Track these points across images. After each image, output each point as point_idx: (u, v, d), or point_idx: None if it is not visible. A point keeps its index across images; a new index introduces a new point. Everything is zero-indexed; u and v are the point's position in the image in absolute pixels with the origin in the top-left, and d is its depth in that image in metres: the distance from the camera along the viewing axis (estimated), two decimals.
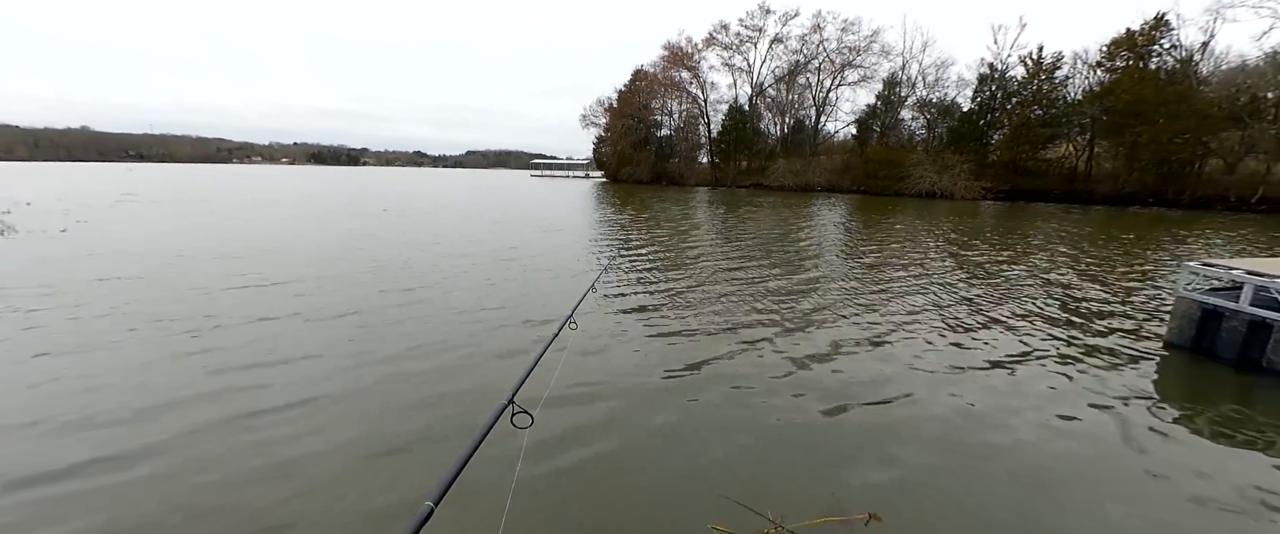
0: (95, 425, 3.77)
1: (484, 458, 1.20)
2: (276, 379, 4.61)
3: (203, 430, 3.73)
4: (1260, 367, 5.09)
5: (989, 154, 43.21)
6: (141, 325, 5.97)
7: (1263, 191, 30.69)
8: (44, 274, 8.33)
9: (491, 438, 1.18)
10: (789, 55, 56.97)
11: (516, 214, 21.25)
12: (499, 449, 1.75)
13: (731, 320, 6.72)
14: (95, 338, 5.53)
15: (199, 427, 3.78)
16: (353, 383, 4.56)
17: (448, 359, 5.16)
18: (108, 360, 4.98)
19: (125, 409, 4.01)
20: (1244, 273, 5.27)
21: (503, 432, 1.29)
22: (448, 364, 5.04)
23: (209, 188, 34.34)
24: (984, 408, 4.38)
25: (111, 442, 3.57)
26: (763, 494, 3.13)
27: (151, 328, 5.90)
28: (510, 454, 1.87)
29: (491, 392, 4.45)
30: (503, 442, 1.59)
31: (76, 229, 13.65)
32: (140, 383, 4.49)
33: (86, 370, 4.71)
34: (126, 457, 3.39)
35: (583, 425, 3.89)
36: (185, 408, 4.06)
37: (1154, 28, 36.07)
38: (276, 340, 5.59)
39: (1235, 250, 14.76)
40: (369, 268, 9.58)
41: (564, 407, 4.11)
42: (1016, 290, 8.84)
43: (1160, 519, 3.03)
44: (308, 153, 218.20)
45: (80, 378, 4.55)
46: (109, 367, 4.83)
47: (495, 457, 1.87)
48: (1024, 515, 3.04)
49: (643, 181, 60.89)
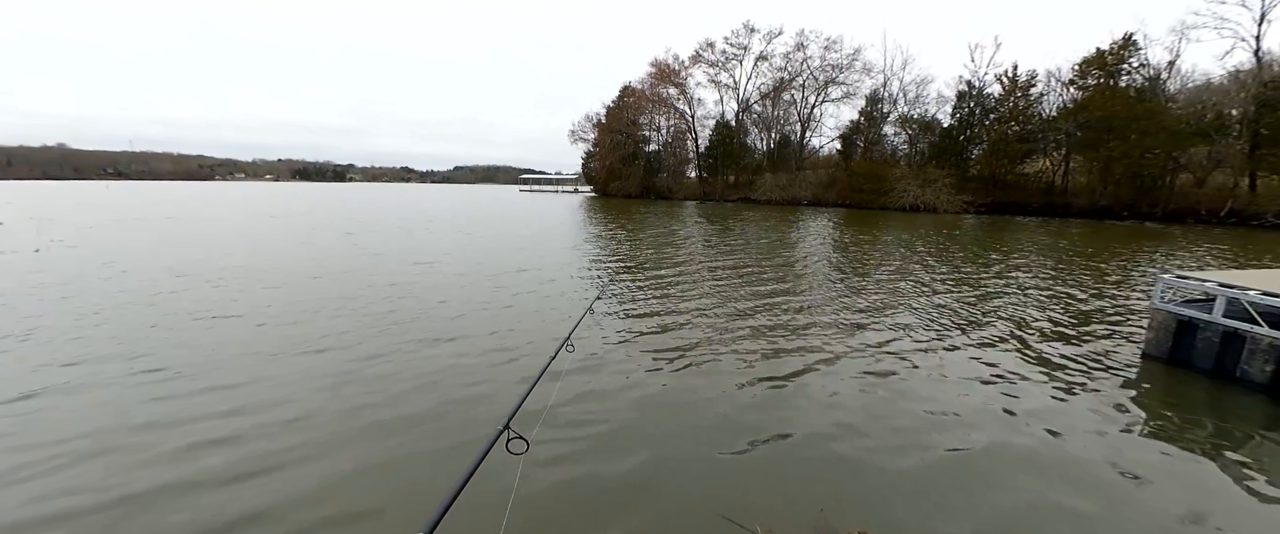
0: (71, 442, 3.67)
1: (479, 485, 1.20)
2: (268, 403, 4.52)
3: (203, 448, 3.64)
4: (1234, 376, 5.23)
5: (969, 168, 44.20)
6: (120, 348, 5.83)
7: (1231, 205, 31.71)
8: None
9: (487, 463, 1.18)
10: (774, 72, 58.12)
11: (509, 230, 21.19)
12: (495, 475, 1.73)
13: (723, 337, 6.75)
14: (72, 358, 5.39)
15: (199, 448, 3.69)
16: (346, 408, 4.47)
17: (444, 383, 5.04)
18: (93, 384, 4.85)
19: (129, 428, 3.90)
20: (1217, 285, 5.43)
21: (499, 456, 1.29)
22: (443, 389, 4.91)
23: (196, 206, 33.74)
24: (965, 420, 4.44)
25: (82, 477, 3.46)
26: (752, 509, 3.14)
27: (132, 350, 5.76)
28: (506, 480, 1.85)
29: (486, 417, 4.34)
30: (499, 468, 1.58)
31: (51, 249, 13.34)
32: (145, 404, 4.37)
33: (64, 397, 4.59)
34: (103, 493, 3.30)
35: (577, 449, 3.84)
36: (182, 426, 3.97)
37: (1122, 47, 37.42)
38: (266, 362, 5.49)
39: (1207, 262, 15.19)
40: (363, 286, 9.46)
41: (559, 430, 4.05)
42: (998, 302, 9.00)
43: (1138, 527, 3.08)
44: (293, 169, 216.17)
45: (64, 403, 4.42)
46: (94, 391, 4.70)
47: (491, 483, 1.85)
48: (1007, 525, 3.07)
49: (631, 196, 61.20)
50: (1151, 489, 3.49)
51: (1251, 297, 5.04)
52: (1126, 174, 35.80)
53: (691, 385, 5.10)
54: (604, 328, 6.96)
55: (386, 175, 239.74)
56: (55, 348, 5.81)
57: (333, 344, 6.11)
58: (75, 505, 3.11)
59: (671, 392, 4.94)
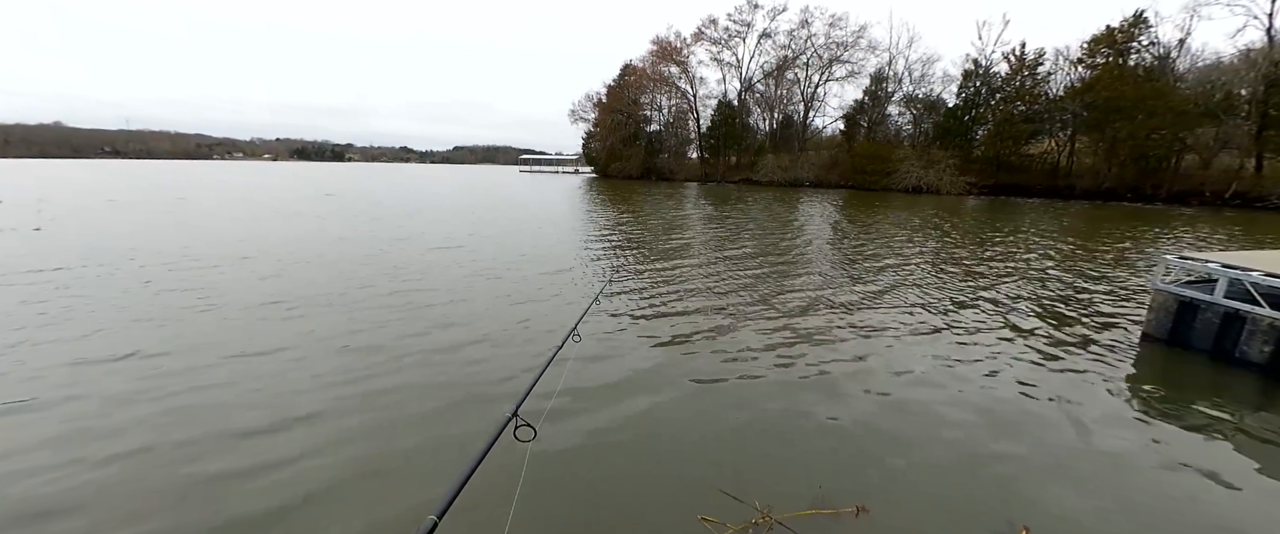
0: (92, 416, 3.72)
1: (487, 471, 1.21)
2: (275, 391, 4.55)
3: (204, 438, 3.69)
4: (1234, 358, 5.25)
5: (973, 149, 43.80)
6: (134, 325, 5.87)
7: (1236, 187, 31.49)
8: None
9: (495, 451, 1.19)
10: (777, 50, 57.29)
11: (510, 213, 21.12)
12: (502, 462, 1.75)
13: (725, 318, 6.77)
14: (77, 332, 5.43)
15: (200, 434, 3.74)
16: (355, 395, 4.47)
17: (452, 372, 5.00)
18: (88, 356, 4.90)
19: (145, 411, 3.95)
20: (1219, 266, 5.42)
21: (506, 444, 1.30)
22: (452, 377, 4.87)
23: (205, 187, 33.61)
24: (965, 399, 4.48)
25: (105, 439, 3.52)
26: (752, 486, 3.19)
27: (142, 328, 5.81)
28: (513, 466, 1.87)
29: (494, 405, 4.34)
30: (506, 454, 1.59)
31: (50, 226, 13.33)
32: (177, 390, 4.42)
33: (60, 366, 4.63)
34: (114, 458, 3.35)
35: (584, 434, 3.86)
36: (182, 414, 4.02)
37: (1133, 25, 36.76)
38: (275, 351, 5.52)
39: (1208, 243, 15.15)
40: (365, 269, 9.47)
41: (566, 417, 4.06)
42: (999, 283, 9.00)
43: (1135, 504, 3.14)
44: (291, 149, 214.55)
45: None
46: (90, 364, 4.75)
47: (498, 469, 1.87)
48: (1006, 503, 3.12)
49: (632, 177, 60.78)
50: (1148, 469, 3.53)
51: (1254, 277, 5.04)
52: (1132, 155, 35.51)
53: (696, 369, 5.13)
54: (611, 315, 6.97)
55: (385, 155, 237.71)
56: (43, 353, 5.85)
57: (344, 329, 6.14)
58: (71, 496, 3.17)
59: (676, 376, 4.96)
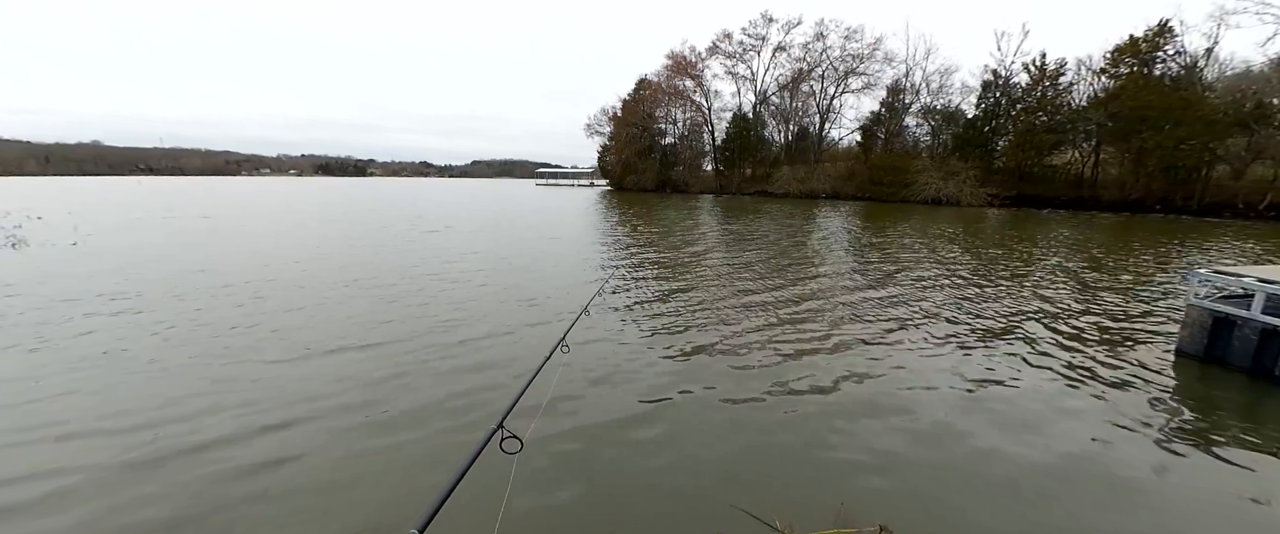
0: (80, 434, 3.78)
1: (472, 485, 1.18)
2: (260, 399, 4.54)
3: (189, 450, 3.73)
4: (1274, 375, 5.00)
5: (994, 160, 43.05)
6: (141, 336, 6.00)
7: (1270, 198, 30.37)
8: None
9: (480, 464, 1.16)
10: (792, 63, 57.24)
11: (526, 222, 21.32)
12: (489, 475, 1.70)
13: (732, 329, 6.67)
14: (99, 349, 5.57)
15: (184, 446, 3.78)
16: (338, 405, 4.43)
17: (439, 382, 4.94)
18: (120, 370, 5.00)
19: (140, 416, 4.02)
20: (1255, 281, 5.19)
21: (493, 458, 1.26)
22: (439, 388, 4.81)
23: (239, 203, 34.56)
24: (992, 418, 4.31)
25: (94, 449, 3.57)
26: (771, 504, 3.09)
27: (150, 339, 5.93)
28: (500, 480, 1.83)
29: (482, 415, 4.26)
30: (493, 467, 1.54)
31: (86, 242, 13.81)
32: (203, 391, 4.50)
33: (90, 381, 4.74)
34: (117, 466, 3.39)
35: (579, 445, 3.80)
36: (179, 423, 4.07)
37: (1158, 34, 35.93)
38: (259, 358, 5.59)
39: (1245, 257, 14.58)
40: (371, 281, 9.60)
41: (559, 428, 4.00)
42: (1025, 298, 8.75)
43: (1171, 529, 2.97)
44: (315, 164, 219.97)
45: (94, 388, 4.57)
46: (121, 378, 4.85)
47: (485, 482, 1.84)
48: (1036, 525, 2.98)
49: (647, 190, 60.92)
50: (1182, 492, 3.35)
51: None
52: (1160, 166, 34.46)
53: (699, 380, 5.04)
54: (609, 322, 6.94)
55: (406, 170, 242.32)
56: (42, 359, 6.00)
57: (336, 337, 6.20)
58: (63, 486, 3.21)
59: (675, 387, 4.86)
